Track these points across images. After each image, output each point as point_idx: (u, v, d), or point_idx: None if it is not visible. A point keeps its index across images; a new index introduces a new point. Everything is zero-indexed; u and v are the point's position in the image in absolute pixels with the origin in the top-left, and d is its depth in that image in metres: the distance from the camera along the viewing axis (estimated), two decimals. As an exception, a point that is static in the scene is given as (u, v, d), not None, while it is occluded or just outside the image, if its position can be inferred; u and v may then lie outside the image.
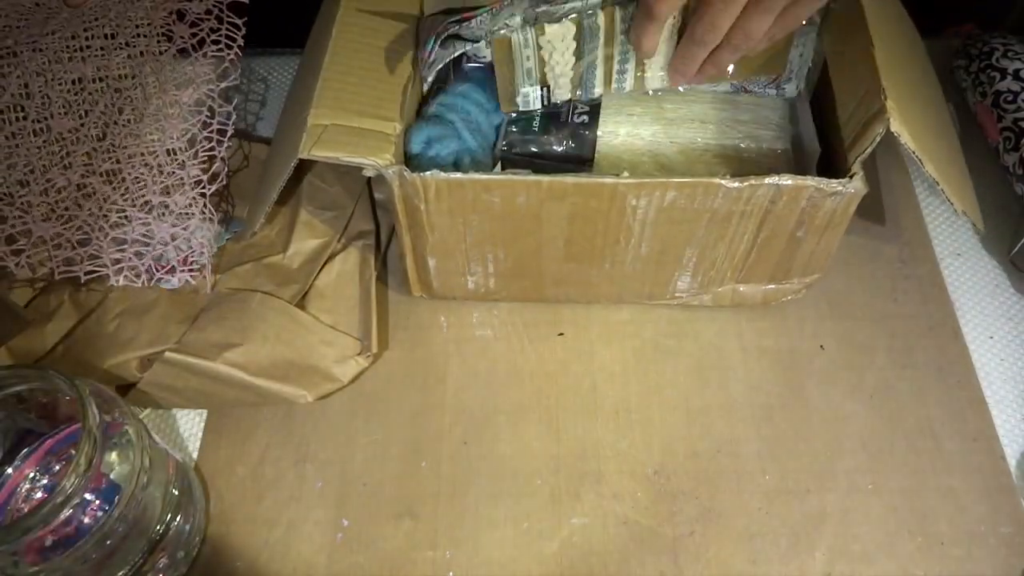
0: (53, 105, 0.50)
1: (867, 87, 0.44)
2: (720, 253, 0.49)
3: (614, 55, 0.45)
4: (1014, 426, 0.50)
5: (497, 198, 0.45)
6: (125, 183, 0.49)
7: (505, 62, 0.45)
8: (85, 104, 0.50)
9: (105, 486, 0.38)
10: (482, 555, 0.46)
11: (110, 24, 0.53)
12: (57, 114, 0.50)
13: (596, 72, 0.45)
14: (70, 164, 0.49)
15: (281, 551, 0.46)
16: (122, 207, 0.49)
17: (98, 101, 0.51)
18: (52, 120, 0.50)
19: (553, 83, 0.46)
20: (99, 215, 0.48)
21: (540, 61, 0.44)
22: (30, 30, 0.52)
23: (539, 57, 0.44)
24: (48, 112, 0.50)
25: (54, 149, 0.49)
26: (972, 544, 0.46)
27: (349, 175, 0.55)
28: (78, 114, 0.50)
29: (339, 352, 0.50)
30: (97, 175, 0.49)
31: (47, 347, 0.49)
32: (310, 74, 0.47)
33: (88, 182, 0.49)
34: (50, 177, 0.49)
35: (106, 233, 0.48)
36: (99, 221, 0.48)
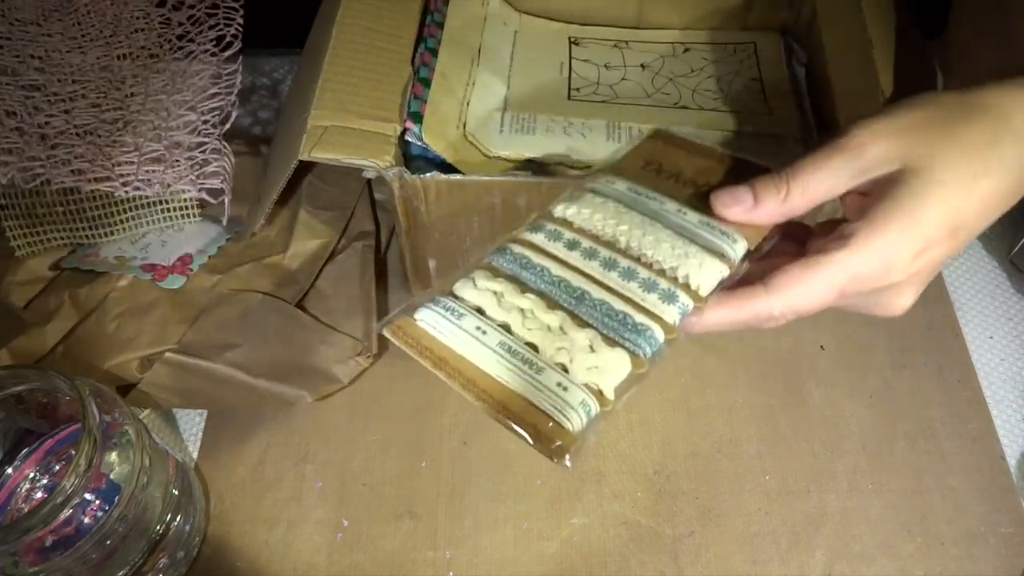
0: (48, 73, 0.50)
1: (867, 89, 0.44)
2: (720, 253, 0.49)
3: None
4: (1014, 426, 0.50)
5: (497, 199, 0.45)
6: (131, 124, 0.48)
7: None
8: (83, 78, 0.50)
9: (105, 486, 0.38)
10: (482, 555, 0.46)
11: (109, 27, 0.53)
12: (54, 80, 0.49)
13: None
14: (69, 110, 0.48)
15: (281, 551, 0.46)
16: (132, 140, 0.47)
17: (96, 72, 0.51)
18: (45, 82, 0.49)
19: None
20: (105, 143, 0.47)
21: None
22: (26, 28, 0.52)
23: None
24: (42, 78, 0.50)
25: (50, 99, 0.48)
26: (972, 544, 0.46)
27: (349, 176, 0.55)
28: (77, 83, 0.50)
29: (339, 352, 0.50)
30: (102, 120, 0.48)
31: (47, 347, 0.49)
32: (310, 75, 0.47)
33: (91, 124, 0.48)
34: (46, 119, 0.47)
35: (111, 157, 0.46)
36: (104, 147, 0.46)
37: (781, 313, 0.33)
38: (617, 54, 0.57)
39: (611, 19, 0.59)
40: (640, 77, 0.55)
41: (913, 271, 0.33)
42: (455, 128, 0.49)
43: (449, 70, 0.50)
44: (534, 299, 0.33)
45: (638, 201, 0.37)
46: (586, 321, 0.33)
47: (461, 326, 0.32)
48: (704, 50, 0.57)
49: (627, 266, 0.34)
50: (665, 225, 0.36)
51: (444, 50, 0.50)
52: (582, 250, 0.35)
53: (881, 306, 0.35)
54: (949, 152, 0.32)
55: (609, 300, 0.33)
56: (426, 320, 0.33)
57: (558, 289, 0.34)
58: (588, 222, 0.36)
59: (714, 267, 0.34)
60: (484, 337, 0.32)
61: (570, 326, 0.32)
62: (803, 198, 0.34)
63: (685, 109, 0.52)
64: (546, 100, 0.52)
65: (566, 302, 0.33)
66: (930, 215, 0.32)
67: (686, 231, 0.35)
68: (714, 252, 0.34)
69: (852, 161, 0.33)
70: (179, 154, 0.47)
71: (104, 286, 0.50)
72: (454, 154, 0.47)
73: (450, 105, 0.49)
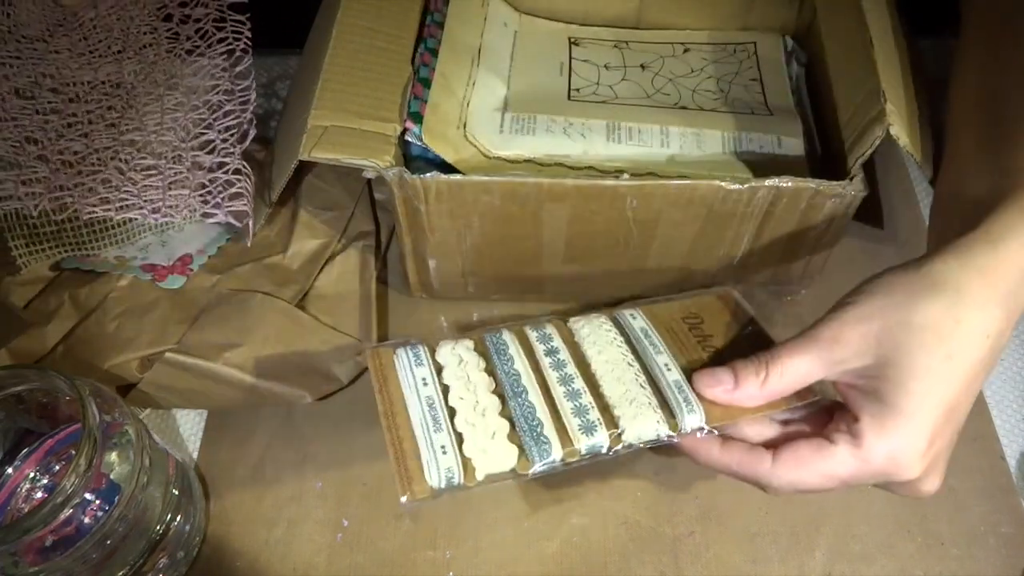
0: (63, 94, 0.49)
1: (867, 89, 0.44)
2: (720, 254, 0.49)
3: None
4: (1014, 426, 0.50)
5: (497, 199, 0.45)
6: (151, 145, 0.47)
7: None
8: (98, 94, 0.50)
9: (105, 486, 0.38)
10: (482, 555, 0.46)
11: (117, 42, 0.52)
12: (67, 101, 0.49)
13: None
14: (88, 133, 0.47)
15: (281, 551, 0.46)
16: (154, 163, 0.47)
17: (111, 92, 0.50)
18: (62, 105, 0.48)
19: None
20: (128, 167, 0.45)
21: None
22: (33, 45, 0.52)
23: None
24: (58, 100, 0.49)
25: (68, 122, 0.48)
26: (972, 544, 0.46)
27: (349, 176, 0.55)
28: (92, 103, 0.49)
29: (339, 352, 0.50)
30: (121, 142, 0.47)
31: (47, 347, 0.49)
32: (310, 75, 0.47)
33: (111, 146, 0.47)
34: (67, 144, 0.46)
35: (136, 183, 0.45)
36: (128, 172, 0.45)
37: (779, 487, 0.36)
38: (617, 54, 0.57)
39: (611, 19, 0.59)
40: (640, 77, 0.55)
41: (928, 462, 0.34)
42: (455, 128, 0.49)
43: (449, 70, 0.50)
44: (486, 378, 0.38)
45: (640, 343, 0.40)
46: (508, 413, 0.37)
47: (413, 372, 0.38)
48: (704, 50, 0.57)
49: (577, 388, 0.38)
50: (640, 371, 0.39)
51: (444, 50, 0.50)
52: (555, 360, 0.39)
53: (907, 492, 0.36)
54: (917, 338, 0.33)
55: (537, 407, 0.37)
56: (398, 356, 0.39)
57: (507, 379, 0.38)
58: (584, 341, 0.40)
59: (650, 424, 0.37)
60: (421, 388, 0.38)
61: (492, 411, 0.37)
62: (781, 383, 0.36)
63: (685, 109, 0.52)
64: (546, 100, 0.52)
65: (506, 392, 0.38)
66: (924, 410, 0.33)
67: (655, 384, 0.38)
68: (662, 411, 0.37)
69: (825, 352, 0.35)
70: (202, 176, 0.46)
71: (104, 286, 0.50)
72: (454, 154, 0.47)
73: (450, 105, 0.49)
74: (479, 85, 0.51)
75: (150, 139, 0.48)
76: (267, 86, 0.65)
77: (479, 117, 0.50)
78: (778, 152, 0.49)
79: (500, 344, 0.40)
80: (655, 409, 0.37)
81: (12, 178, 0.44)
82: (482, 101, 0.51)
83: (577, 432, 0.36)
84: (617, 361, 0.39)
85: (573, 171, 0.48)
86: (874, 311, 0.34)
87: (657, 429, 0.37)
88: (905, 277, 0.35)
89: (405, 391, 0.38)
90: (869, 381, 0.34)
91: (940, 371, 0.33)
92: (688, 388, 0.38)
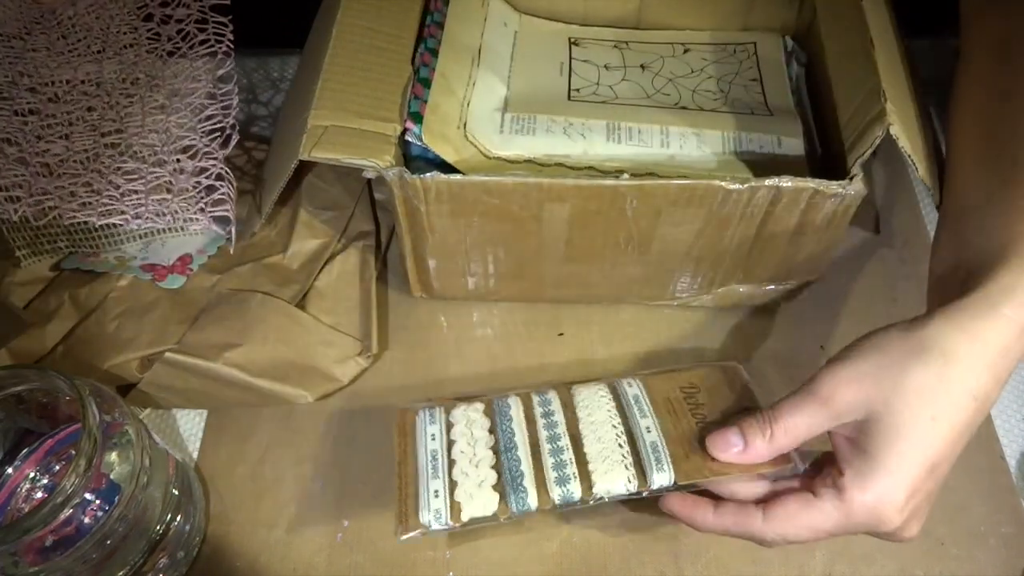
0: (41, 94, 0.48)
1: (867, 89, 0.44)
2: (720, 254, 0.49)
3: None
4: (1014, 426, 0.50)
5: (497, 199, 0.45)
6: (133, 148, 0.47)
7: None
8: (76, 96, 0.49)
9: (105, 486, 0.38)
10: (482, 555, 0.46)
11: (96, 41, 0.52)
12: (46, 101, 0.48)
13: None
14: (68, 135, 0.46)
15: (281, 551, 0.46)
16: (135, 166, 0.46)
17: (91, 93, 0.49)
18: (40, 105, 0.48)
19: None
20: (109, 171, 0.45)
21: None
22: (10, 43, 0.51)
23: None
24: (36, 100, 0.48)
25: (47, 124, 0.47)
26: (972, 544, 0.46)
27: (349, 175, 0.55)
28: (72, 103, 0.48)
29: (339, 352, 0.50)
30: (102, 144, 0.46)
31: (47, 347, 0.49)
32: (310, 74, 0.47)
33: (92, 148, 0.46)
34: (47, 145, 0.46)
35: (118, 187, 0.44)
36: (109, 176, 0.45)
37: (772, 540, 0.38)
38: (617, 55, 0.57)
39: (611, 19, 0.59)
40: (640, 78, 0.55)
41: (908, 515, 0.36)
42: (455, 128, 0.49)
43: (449, 70, 0.50)
44: (486, 437, 0.43)
45: (630, 408, 0.44)
46: (499, 466, 0.42)
47: (426, 429, 0.44)
48: (704, 51, 0.57)
49: (561, 445, 0.43)
50: (622, 432, 0.43)
51: (444, 50, 0.50)
52: (549, 421, 0.44)
53: (888, 539, 0.38)
54: (904, 400, 0.35)
55: (523, 461, 0.42)
56: (419, 415, 0.44)
57: (504, 437, 0.43)
58: (579, 405, 0.44)
59: (620, 480, 0.41)
60: (430, 442, 0.43)
61: (485, 464, 0.42)
62: (787, 438, 0.38)
63: (685, 109, 0.52)
64: (546, 100, 0.52)
65: (500, 448, 0.43)
66: (905, 467, 0.35)
67: (633, 443, 0.42)
68: (635, 469, 0.41)
69: (823, 408, 0.37)
70: (184, 180, 0.45)
71: (104, 286, 0.50)
72: (454, 154, 0.47)
73: (450, 105, 0.49)
74: (479, 85, 0.51)
75: (131, 142, 0.47)
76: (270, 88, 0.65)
77: (479, 117, 0.50)
78: (778, 152, 0.49)
79: (504, 408, 0.45)
80: (627, 467, 0.41)
81: None
82: (482, 101, 0.51)
83: (552, 484, 0.41)
84: (603, 423, 0.43)
85: (573, 171, 0.48)
86: (868, 370, 0.36)
87: (626, 485, 0.41)
88: (900, 338, 0.36)
89: (418, 444, 0.43)
90: (859, 436, 0.36)
91: (924, 431, 0.35)
92: (663, 449, 0.41)
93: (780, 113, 0.52)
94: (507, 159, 0.49)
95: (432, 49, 0.50)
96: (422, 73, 0.48)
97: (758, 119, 0.51)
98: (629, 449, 0.42)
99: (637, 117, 0.51)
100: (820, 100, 0.52)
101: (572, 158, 0.49)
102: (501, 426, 0.44)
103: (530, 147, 0.49)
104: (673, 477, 0.40)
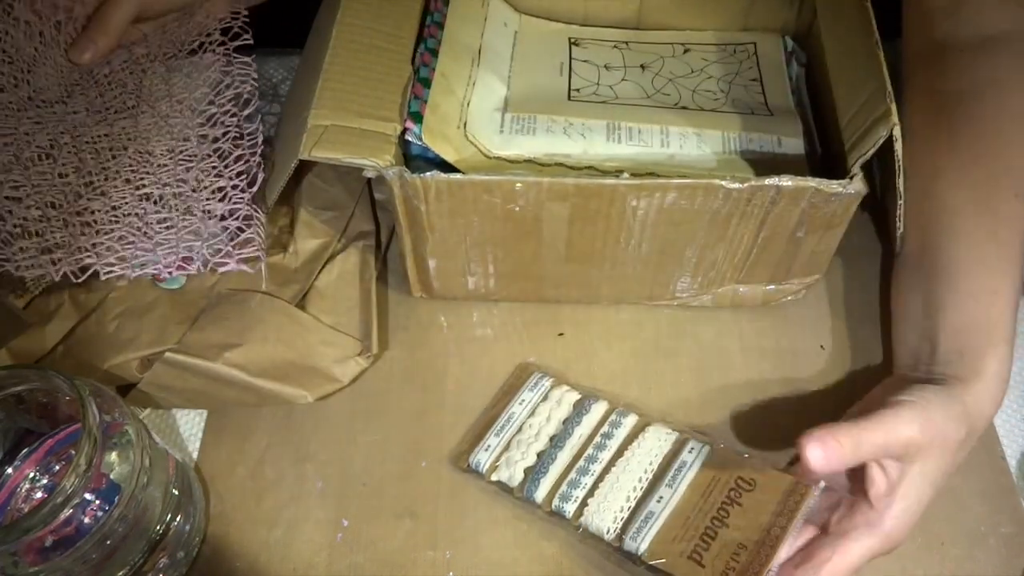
0: (82, 152, 0.50)
1: (872, 87, 0.44)
2: (720, 254, 0.49)
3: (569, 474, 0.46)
4: (1014, 426, 0.50)
5: (497, 199, 0.45)
6: (165, 199, 0.48)
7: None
8: (114, 150, 0.51)
9: (105, 486, 0.38)
10: (482, 555, 0.46)
11: (131, 96, 0.53)
12: (88, 159, 0.50)
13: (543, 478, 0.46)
14: (105, 192, 0.48)
15: (281, 551, 0.46)
16: (167, 216, 0.47)
17: (127, 147, 0.51)
18: (80, 164, 0.50)
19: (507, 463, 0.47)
20: (143, 223, 0.47)
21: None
22: (52, 108, 0.53)
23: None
24: (77, 159, 0.50)
25: (87, 181, 0.49)
26: (972, 544, 0.46)
27: (349, 175, 0.55)
28: (109, 157, 0.50)
29: (339, 352, 0.50)
30: (136, 197, 0.48)
31: (47, 347, 0.49)
32: (310, 74, 0.47)
33: (125, 202, 0.48)
34: (86, 203, 0.48)
35: (151, 237, 0.46)
36: (143, 228, 0.46)
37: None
38: (617, 55, 0.57)
39: (611, 20, 0.59)
40: (640, 78, 0.55)
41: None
42: (455, 128, 0.49)
43: (449, 70, 0.50)
44: (556, 426, 0.48)
45: (670, 470, 0.45)
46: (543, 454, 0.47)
47: (527, 393, 0.50)
48: (704, 51, 0.57)
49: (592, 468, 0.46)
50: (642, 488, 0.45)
51: (444, 50, 0.50)
52: (603, 442, 0.47)
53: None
54: (941, 458, 0.41)
55: (557, 462, 0.46)
56: (533, 376, 0.50)
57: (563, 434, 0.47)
58: (636, 442, 0.46)
59: (603, 524, 0.44)
60: (518, 405, 0.49)
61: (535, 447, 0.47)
62: (855, 455, 0.40)
63: (685, 110, 0.52)
64: (546, 100, 0.52)
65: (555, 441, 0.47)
66: (923, 503, 0.41)
67: (641, 502, 0.44)
68: (621, 524, 0.44)
69: (885, 437, 0.40)
70: (213, 225, 0.46)
71: (104, 286, 0.50)
72: (454, 154, 0.47)
73: (450, 105, 0.49)
74: (479, 85, 0.51)
75: (164, 192, 0.48)
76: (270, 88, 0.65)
77: (479, 117, 0.50)
78: (778, 152, 0.49)
79: (587, 408, 0.48)
80: (615, 520, 0.44)
81: (35, 245, 0.45)
82: (482, 101, 0.51)
83: (557, 494, 0.45)
84: (635, 470, 0.46)
85: (573, 171, 0.48)
86: (923, 419, 0.40)
87: (606, 533, 0.44)
88: (953, 403, 0.42)
89: (512, 400, 0.49)
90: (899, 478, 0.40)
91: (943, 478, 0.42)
92: (654, 524, 0.43)
93: (780, 113, 0.52)
94: (507, 159, 0.49)
95: (432, 49, 0.50)
96: (422, 73, 0.48)
97: (758, 119, 0.51)
98: (633, 506, 0.44)
99: (637, 117, 0.51)
100: (820, 100, 0.52)
101: (572, 158, 0.49)
102: (572, 421, 0.48)
103: (530, 147, 0.49)
104: (645, 553, 0.43)
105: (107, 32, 0.54)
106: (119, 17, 0.54)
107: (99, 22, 0.54)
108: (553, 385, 0.49)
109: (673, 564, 0.42)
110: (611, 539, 0.44)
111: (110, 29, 0.54)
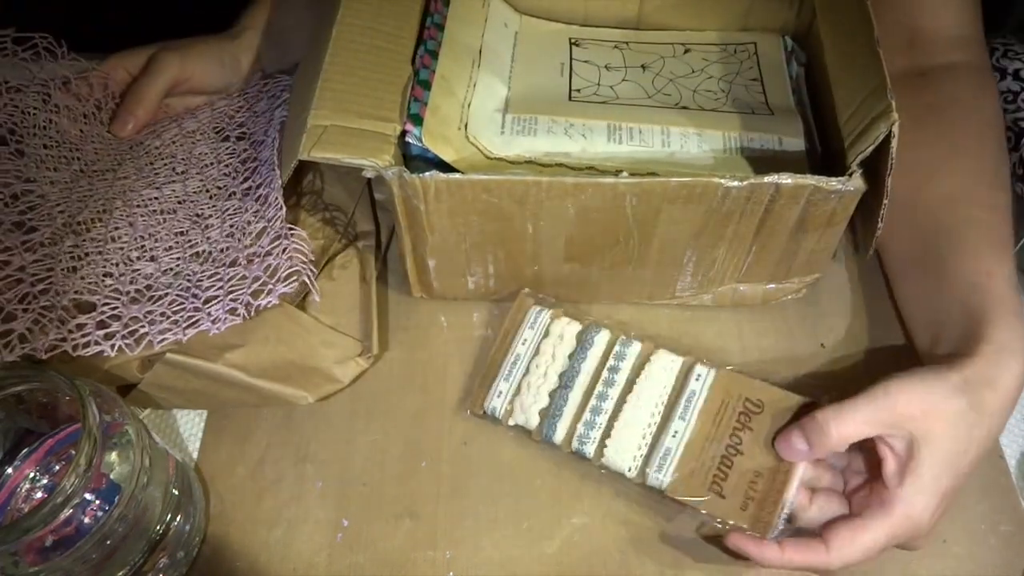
0: (133, 216, 0.51)
1: (872, 85, 0.44)
2: (720, 253, 0.49)
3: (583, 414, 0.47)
4: (1014, 426, 0.50)
5: (497, 198, 0.45)
6: (212, 255, 0.50)
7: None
8: (164, 212, 0.52)
9: (105, 486, 0.38)
10: (482, 555, 0.46)
11: (180, 164, 0.55)
12: (139, 221, 0.51)
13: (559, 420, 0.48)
14: (155, 257, 0.50)
15: (281, 551, 0.46)
16: (214, 271, 0.49)
17: (175, 210, 0.52)
18: (131, 228, 0.51)
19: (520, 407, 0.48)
20: (192, 283, 0.48)
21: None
22: (104, 177, 0.54)
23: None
24: (128, 221, 0.51)
25: (140, 247, 0.50)
26: (972, 543, 0.46)
27: (349, 175, 0.55)
28: (160, 220, 0.52)
29: (339, 353, 0.50)
30: (186, 258, 0.50)
31: (47, 348, 0.49)
32: (310, 74, 0.47)
33: (177, 264, 0.50)
34: (137, 266, 0.49)
35: (199, 296, 0.47)
36: (192, 288, 0.48)
37: (837, 568, 0.42)
38: (618, 55, 0.57)
39: (611, 20, 0.59)
40: (641, 78, 0.55)
41: (933, 522, 0.42)
42: (456, 129, 0.49)
43: (449, 71, 0.50)
44: (563, 362, 0.49)
45: (680, 400, 0.47)
46: (555, 394, 0.48)
47: (527, 330, 0.50)
48: (704, 51, 0.57)
49: (605, 407, 0.47)
50: (656, 422, 0.46)
51: (445, 51, 0.50)
52: (612, 376, 0.48)
53: (911, 546, 0.43)
54: (955, 431, 0.41)
55: (569, 402, 0.48)
56: (531, 311, 0.51)
57: (571, 372, 0.49)
58: (646, 372, 0.48)
59: (624, 462, 0.46)
60: (521, 345, 0.50)
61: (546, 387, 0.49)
62: (843, 436, 0.42)
63: (686, 109, 0.52)
64: (547, 101, 0.52)
65: (564, 380, 0.49)
66: (941, 486, 0.41)
67: (658, 436, 0.46)
68: (642, 460, 0.46)
69: (881, 412, 0.42)
70: (257, 267, 0.47)
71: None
72: (454, 155, 0.47)
73: (451, 106, 0.49)
74: (480, 86, 0.51)
75: (211, 248, 0.50)
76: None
77: (480, 118, 0.50)
78: (779, 151, 0.49)
79: (590, 341, 0.49)
80: (635, 459, 0.46)
81: (90, 320, 0.46)
82: (483, 102, 0.51)
83: (575, 437, 0.47)
84: (648, 403, 0.47)
85: (573, 171, 0.48)
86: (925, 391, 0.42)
87: (627, 471, 0.45)
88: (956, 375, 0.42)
89: (515, 339, 0.50)
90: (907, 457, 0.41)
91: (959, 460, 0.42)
92: (673, 459, 0.45)
93: (781, 112, 0.52)
94: (508, 160, 0.49)
95: (432, 51, 0.50)
96: (422, 75, 0.48)
97: (759, 118, 0.51)
98: (650, 441, 0.46)
99: (638, 117, 0.51)
100: (820, 99, 0.52)
101: (572, 157, 0.49)
102: (578, 356, 0.48)
103: (531, 148, 0.49)
104: (666, 487, 0.45)
105: (144, 104, 0.57)
106: (155, 90, 0.57)
107: (135, 96, 0.57)
108: (553, 318, 0.50)
109: (696, 498, 0.44)
110: (633, 476, 0.45)
111: (146, 101, 0.57)
